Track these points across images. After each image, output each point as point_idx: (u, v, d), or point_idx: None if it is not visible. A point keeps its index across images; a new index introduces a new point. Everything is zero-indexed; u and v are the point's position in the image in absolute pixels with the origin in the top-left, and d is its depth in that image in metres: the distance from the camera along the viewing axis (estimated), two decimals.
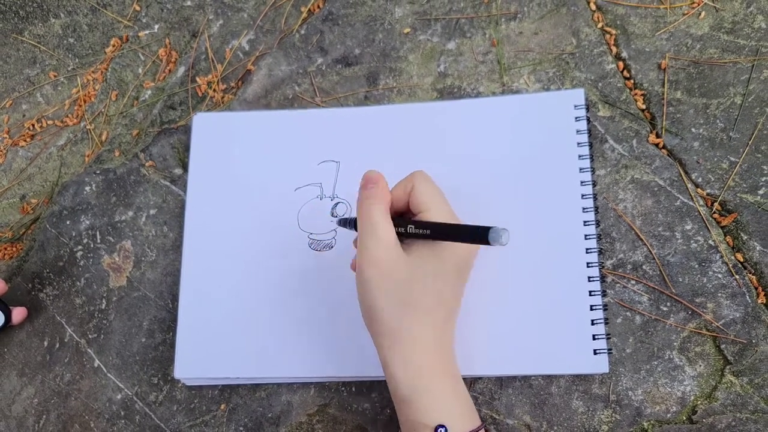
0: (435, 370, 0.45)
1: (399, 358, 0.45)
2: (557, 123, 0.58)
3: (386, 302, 0.45)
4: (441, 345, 0.47)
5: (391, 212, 0.48)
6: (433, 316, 0.46)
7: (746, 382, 0.51)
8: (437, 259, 0.45)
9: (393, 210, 0.48)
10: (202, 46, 0.70)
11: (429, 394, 0.45)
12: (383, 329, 0.46)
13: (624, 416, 0.52)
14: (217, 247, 0.60)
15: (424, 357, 0.45)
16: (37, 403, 0.62)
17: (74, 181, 0.67)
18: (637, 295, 0.54)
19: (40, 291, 0.65)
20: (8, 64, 0.75)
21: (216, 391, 0.59)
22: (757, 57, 0.58)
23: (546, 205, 0.56)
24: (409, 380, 0.45)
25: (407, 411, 0.45)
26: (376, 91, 0.64)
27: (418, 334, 0.45)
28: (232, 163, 0.62)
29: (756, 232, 0.54)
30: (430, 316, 0.45)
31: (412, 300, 0.45)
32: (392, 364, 0.46)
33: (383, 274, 0.45)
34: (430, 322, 0.45)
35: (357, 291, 0.47)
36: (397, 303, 0.45)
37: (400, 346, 0.45)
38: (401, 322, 0.45)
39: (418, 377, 0.45)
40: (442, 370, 0.46)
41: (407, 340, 0.45)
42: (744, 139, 0.56)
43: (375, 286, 0.46)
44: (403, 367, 0.45)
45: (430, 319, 0.45)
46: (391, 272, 0.45)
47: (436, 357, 0.46)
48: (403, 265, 0.45)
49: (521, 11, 0.63)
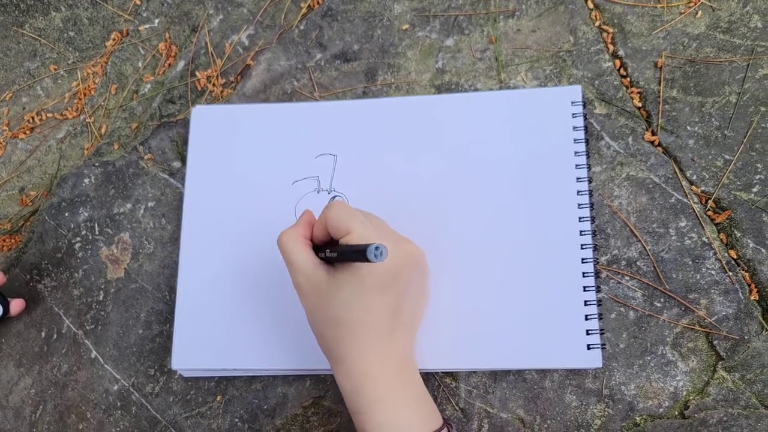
0: (382, 381, 0.46)
1: (342, 373, 0.47)
2: (554, 119, 0.58)
3: (320, 324, 0.48)
4: (388, 356, 0.47)
5: (317, 242, 0.49)
6: (370, 332, 0.46)
7: (738, 378, 0.52)
8: (356, 278, 0.45)
9: (320, 241, 0.49)
10: (202, 40, 0.71)
11: (380, 404, 0.45)
12: (325, 350, 0.49)
13: (617, 411, 0.53)
14: (215, 239, 0.60)
15: (368, 370, 0.46)
16: (34, 394, 0.62)
17: (73, 174, 0.67)
18: (630, 290, 0.55)
19: (38, 282, 0.65)
20: (9, 56, 0.75)
21: (212, 383, 0.60)
22: (752, 56, 0.58)
23: (541, 201, 0.56)
24: (356, 393, 0.46)
25: (362, 422, 0.46)
26: (375, 86, 0.64)
27: (357, 350, 0.46)
28: (230, 155, 0.62)
29: (749, 230, 0.55)
30: (366, 332, 0.46)
31: (341, 320, 0.46)
32: (338, 377, 0.47)
33: (310, 300, 0.48)
34: (368, 337, 0.46)
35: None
36: (329, 323, 0.47)
37: (342, 363, 0.47)
38: (337, 341, 0.47)
39: (365, 390, 0.46)
40: (391, 380, 0.46)
41: (346, 356, 0.46)
42: (738, 137, 0.57)
43: (308, 311, 0.49)
44: (348, 380, 0.46)
45: (368, 334, 0.46)
46: (316, 297, 0.47)
47: (383, 369, 0.46)
48: (326, 289, 0.46)
49: (519, 9, 0.64)
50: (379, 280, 0.45)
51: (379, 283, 0.45)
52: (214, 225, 0.61)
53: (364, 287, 0.45)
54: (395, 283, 0.46)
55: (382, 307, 0.46)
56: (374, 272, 0.44)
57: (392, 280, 0.46)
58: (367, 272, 0.44)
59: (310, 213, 0.51)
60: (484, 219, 0.57)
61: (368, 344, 0.46)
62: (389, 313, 0.47)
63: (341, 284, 0.45)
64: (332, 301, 0.46)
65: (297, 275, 0.47)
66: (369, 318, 0.46)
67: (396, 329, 0.48)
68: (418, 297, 0.53)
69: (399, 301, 0.47)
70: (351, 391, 0.46)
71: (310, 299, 0.48)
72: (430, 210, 0.58)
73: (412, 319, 0.51)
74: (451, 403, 0.55)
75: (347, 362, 0.46)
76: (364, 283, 0.45)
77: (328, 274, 0.47)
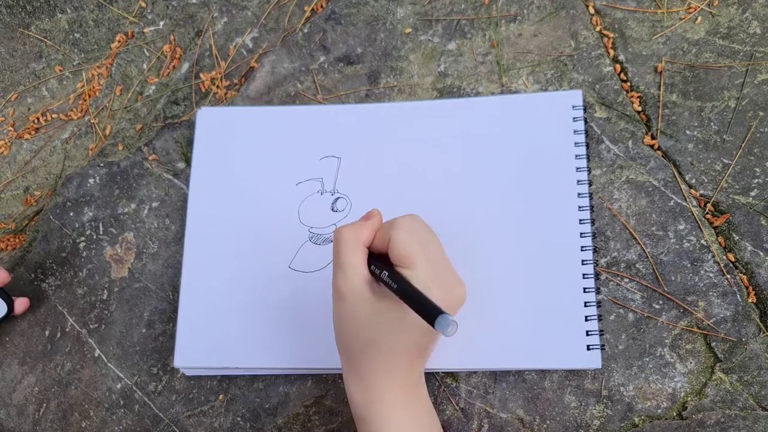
0: (395, 399, 0.45)
1: (358, 385, 0.46)
2: (555, 123, 0.59)
3: (349, 338, 0.47)
4: (406, 379, 0.46)
5: (373, 250, 0.48)
6: (396, 360, 0.45)
7: (736, 380, 0.52)
8: (402, 312, 0.43)
9: (377, 250, 0.48)
10: (207, 43, 0.71)
11: (388, 419, 0.45)
12: (345, 358, 0.48)
13: (615, 411, 0.53)
14: (219, 239, 0.61)
15: (384, 388, 0.45)
16: (38, 392, 0.63)
17: (78, 174, 0.68)
18: (630, 292, 0.55)
19: (42, 281, 0.66)
20: (14, 58, 0.76)
21: (214, 382, 0.60)
22: (751, 62, 0.59)
23: (542, 203, 0.57)
24: (367, 404, 0.46)
25: (366, 429, 0.46)
26: (377, 89, 0.65)
27: (379, 371, 0.45)
28: (234, 156, 0.63)
29: (747, 233, 0.55)
30: (392, 359, 0.45)
31: (374, 344, 0.45)
32: (352, 388, 0.47)
33: (347, 310, 0.46)
34: (393, 364, 0.45)
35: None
36: (359, 341, 0.46)
37: (361, 380, 0.46)
38: (362, 358, 0.46)
39: (377, 405, 0.45)
40: (404, 398, 0.46)
41: (367, 374, 0.46)
42: (737, 141, 0.57)
43: (341, 320, 0.47)
44: (363, 394, 0.46)
45: (394, 361, 0.45)
46: (355, 310, 0.45)
47: (397, 388, 0.46)
48: (368, 311, 0.45)
49: (521, 13, 0.64)
50: (421, 329, 0.44)
51: (424, 328, 0.44)
52: (218, 225, 0.61)
53: (408, 324, 0.43)
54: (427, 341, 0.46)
55: (417, 345, 0.45)
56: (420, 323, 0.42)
57: (426, 337, 0.45)
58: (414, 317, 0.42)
59: (378, 218, 0.49)
60: (485, 220, 0.57)
61: (393, 368, 0.45)
62: (422, 350, 0.46)
63: (385, 314, 0.44)
64: (370, 322, 0.45)
65: (342, 281, 0.46)
66: (403, 348, 0.45)
67: (422, 356, 0.47)
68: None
69: (436, 338, 0.47)
70: (362, 403, 0.46)
71: (347, 311, 0.46)
72: (432, 211, 0.58)
73: (425, 360, 0.50)
74: (451, 402, 0.56)
75: (366, 376, 0.46)
76: (410, 320, 0.43)
77: (374, 294, 0.45)
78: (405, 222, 0.46)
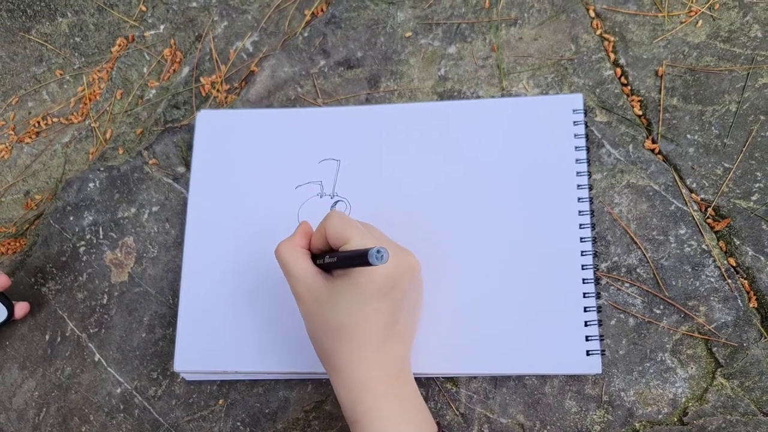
0: (379, 391, 0.46)
1: (340, 381, 0.47)
2: (556, 127, 0.59)
3: (318, 332, 0.49)
4: (384, 365, 0.47)
5: (315, 251, 0.50)
6: (367, 340, 0.46)
7: (737, 385, 0.52)
8: (354, 285, 0.45)
9: (318, 250, 0.50)
10: (207, 46, 0.71)
11: (374, 413, 0.46)
12: (322, 356, 0.49)
13: (616, 417, 0.53)
14: (218, 243, 0.61)
15: (365, 379, 0.46)
16: (38, 396, 0.63)
17: (78, 178, 0.68)
18: (630, 297, 0.55)
19: (42, 285, 0.66)
20: (15, 61, 0.76)
21: (214, 387, 0.60)
22: (752, 65, 0.59)
23: (543, 208, 0.57)
24: (353, 402, 0.46)
25: (358, 431, 0.46)
26: (377, 93, 0.65)
27: (355, 358, 0.46)
28: (233, 159, 0.63)
29: (748, 238, 0.55)
30: (363, 339, 0.46)
31: (339, 327, 0.46)
32: (336, 386, 0.48)
33: (309, 308, 0.48)
34: (365, 345, 0.47)
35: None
36: (327, 331, 0.47)
37: (340, 372, 0.47)
38: (335, 349, 0.47)
39: (362, 399, 0.46)
40: (387, 390, 0.47)
41: (344, 365, 0.47)
42: (738, 145, 0.57)
43: (307, 319, 0.49)
44: (345, 389, 0.47)
45: (365, 342, 0.46)
46: (315, 305, 0.48)
47: (378, 378, 0.47)
48: (324, 297, 0.47)
49: (521, 17, 0.64)
50: (377, 288, 0.45)
51: (377, 291, 0.45)
52: (218, 229, 0.61)
53: (362, 294, 0.45)
54: (393, 291, 0.47)
55: (379, 315, 0.46)
56: (373, 280, 0.45)
57: (390, 289, 0.46)
58: (365, 280, 0.45)
59: (306, 224, 0.52)
60: (485, 225, 0.57)
61: (365, 352, 0.46)
62: (386, 321, 0.47)
63: (339, 292, 0.46)
64: (330, 308, 0.47)
65: (296, 284, 0.48)
66: (366, 325, 0.46)
67: (392, 338, 0.48)
68: (414, 308, 0.53)
69: (396, 310, 0.48)
70: (348, 401, 0.47)
71: (309, 307, 0.48)
72: (431, 215, 0.58)
73: (408, 329, 0.52)
74: (451, 408, 0.56)
75: (344, 370, 0.47)
76: (362, 290, 0.45)
77: (327, 281, 0.47)
78: (335, 212, 0.49)
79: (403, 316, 0.49)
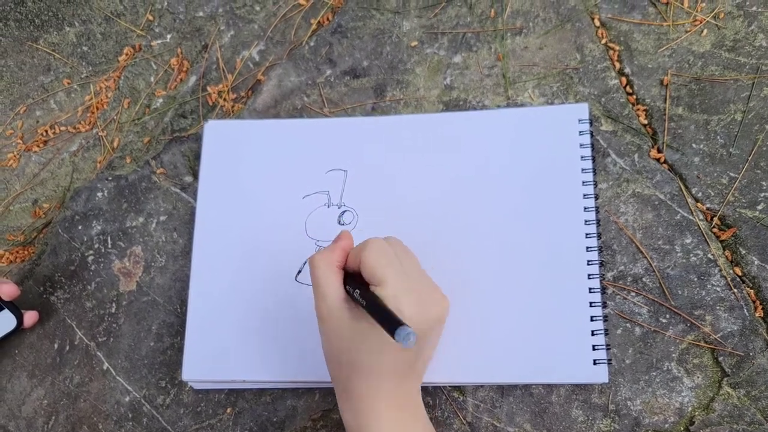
0: (385, 419, 0.46)
1: (349, 406, 0.47)
2: (561, 136, 0.59)
3: (334, 357, 0.48)
4: (396, 398, 0.47)
5: (349, 270, 0.49)
6: (383, 378, 0.46)
7: (743, 394, 0.52)
8: (379, 333, 0.42)
9: (352, 270, 0.48)
10: (214, 56, 0.72)
11: None
12: (334, 379, 0.49)
13: (623, 426, 0.53)
14: (226, 252, 0.61)
15: (374, 409, 0.46)
16: (47, 405, 0.63)
17: (86, 187, 0.68)
18: (636, 306, 0.55)
19: (51, 294, 0.66)
20: (23, 71, 0.76)
21: (222, 395, 0.60)
22: (757, 75, 0.59)
23: (549, 217, 0.57)
24: (359, 427, 0.46)
25: None
26: (383, 102, 0.65)
27: (367, 390, 0.46)
28: (241, 169, 0.63)
29: (754, 247, 0.55)
30: (379, 378, 0.46)
31: (357, 364, 0.46)
32: (343, 409, 0.48)
33: (329, 333, 0.47)
34: (381, 383, 0.46)
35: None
36: (343, 362, 0.47)
37: (349, 398, 0.47)
38: (348, 377, 0.47)
39: (369, 426, 0.45)
40: (395, 416, 0.46)
41: (355, 394, 0.46)
42: (744, 155, 0.57)
43: (324, 338, 0.48)
44: (352, 415, 0.47)
45: (382, 380, 0.46)
46: (335, 334, 0.47)
47: (387, 408, 0.46)
48: (347, 329, 0.45)
49: (527, 26, 0.64)
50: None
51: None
52: (225, 238, 0.62)
53: (386, 344, 0.44)
54: (418, 343, 0.45)
55: (400, 361, 0.46)
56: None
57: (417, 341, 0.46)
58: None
59: (348, 239, 0.50)
60: (491, 234, 0.58)
61: (380, 387, 0.46)
62: (407, 365, 0.47)
63: (363, 332, 0.45)
64: (351, 345, 0.46)
65: (322, 304, 0.47)
66: (384, 368, 0.45)
67: (410, 375, 0.48)
68: (435, 347, 0.53)
69: (418, 357, 0.48)
70: (354, 426, 0.46)
71: (329, 333, 0.47)
72: (438, 225, 0.59)
73: (426, 364, 0.52)
74: (458, 416, 0.56)
75: (354, 398, 0.46)
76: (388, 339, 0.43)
77: (352, 315, 0.46)
78: (375, 242, 0.47)
79: (424, 356, 0.49)
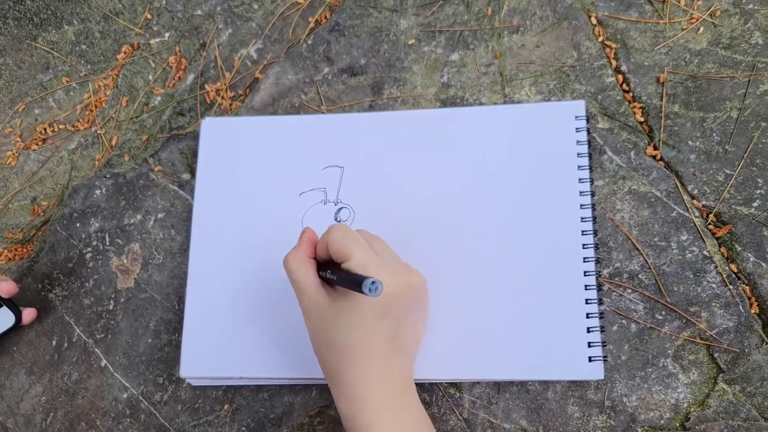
0: (380, 405, 0.47)
1: (341, 395, 0.48)
2: (558, 133, 0.59)
3: (322, 347, 0.49)
4: (386, 380, 0.48)
5: (320, 260, 0.51)
6: (368, 356, 0.47)
7: (738, 391, 0.53)
8: (355, 305, 0.46)
9: (323, 259, 0.51)
10: (212, 54, 0.72)
11: (375, 428, 0.46)
12: (325, 370, 0.50)
13: (618, 422, 0.53)
14: (223, 250, 0.61)
15: (366, 394, 0.47)
16: (45, 401, 0.63)
17: (85, 185, 0.68)
18: (632, 303, 0.56)
19: (49, 291, 0.66)
20: (22, 69, 0.77)
21: (220, 392, 0.60)
22: (753, 72, 0.59)
23: (545, 214, 0.57)
24: (354, 416, 0.47)
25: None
26: (381, 100, 0.65)
27: (356, 373, 0.47)
28: (238, 166, 0.64)
29: (750, 244, 0.55)
30: (364, 356, 0.47)
31: (340, 344, 0.47)
32: (337, 399, 0.48)
33: (313, 322, 0.49)
34: (367, 361, 0.47)
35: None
36: (330, 348, 0.48)
37: (340, 386, 0.48)
38: (337, 364, 0.48)
39: (363, 413, 0.46)
40: (388, 403, 0.47)
41: (345, 380, 0.47)
42: (739, 152, 0.57)
43: (311, 332, 0.50)
44: (346, 403, 0.47)
45: (367, 358, 0.47)
46: (318, 320, 0.48)
47: (380, 393, 0.47)
48: (327, 312, 0.48)
49: (523, 24, 0.65)
50: (376, 308, 0.46)
51: (377, 311, 0.46)
52: (223, 236, 0.62)
53: (362, 314, 0.46)
54: (392, 309, 0.47)
55: (380, 332, 0.47)
56: (371, 300, 0.45)
57: (389, 308, 0.47)
58: (365, 300, 0.45)
59: (311, 231, 0.52)
60: (487, 231, 0.58)
61: (367, 368, 0.47)
62: (387, 338, 0.48)
63: (341, 310, 0.47)
64: (332, 325, 0.47)
65: (302, 297, 0.49)
66: (367, 343, 0.47)
67: (394, 353, 0.49)
68: (417, 323, 0.54)
69: (397, 326, 0.48)
70: (349, 415, 0.47)
71: (313, 322, 0.49)
72: (434, 221, 0.59)
73: (411, 344, 0.52)
74: (454, 413, 0.56)
75: (345, 385, 0.47)
76: (362, 309, 0.46)
77: (330, 297, 0.48)
78: (338, 226, 0.49)
79: (405, 332, 0.50)
